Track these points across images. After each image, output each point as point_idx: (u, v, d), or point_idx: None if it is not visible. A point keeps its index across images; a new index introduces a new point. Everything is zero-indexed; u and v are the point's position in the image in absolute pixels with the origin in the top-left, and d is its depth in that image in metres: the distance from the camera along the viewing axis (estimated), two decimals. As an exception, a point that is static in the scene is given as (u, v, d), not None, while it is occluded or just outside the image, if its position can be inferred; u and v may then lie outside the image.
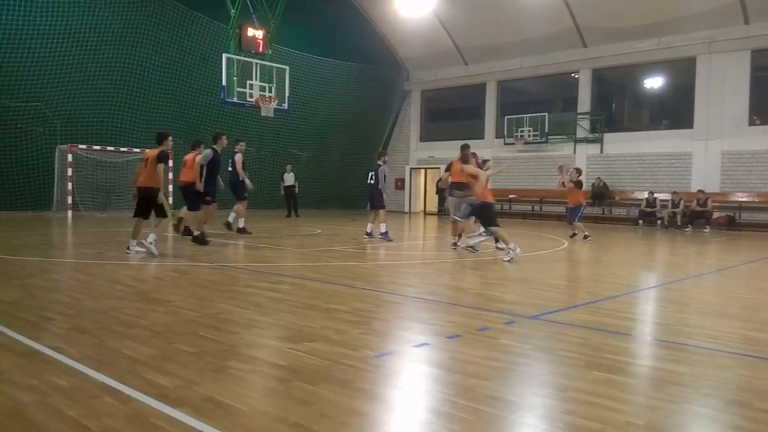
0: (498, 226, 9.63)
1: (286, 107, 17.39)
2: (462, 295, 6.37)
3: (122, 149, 19.48)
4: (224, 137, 11.02)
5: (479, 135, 26.10)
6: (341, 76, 25.82)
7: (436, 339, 4.44)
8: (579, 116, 23.51)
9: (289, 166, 21.44)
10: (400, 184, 28.87)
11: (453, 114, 29.37)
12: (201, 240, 10.47)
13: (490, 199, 9.68)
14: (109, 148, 19.18)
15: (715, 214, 19.46)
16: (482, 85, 26.30)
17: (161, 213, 9.08)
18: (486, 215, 9.61)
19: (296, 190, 21.02)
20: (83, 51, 18.76)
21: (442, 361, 3.90)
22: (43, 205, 18.60)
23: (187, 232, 11.26)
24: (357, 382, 3.37)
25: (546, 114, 23.81)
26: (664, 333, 5.02)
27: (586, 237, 13.90)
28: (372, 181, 12.81)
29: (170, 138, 9.43)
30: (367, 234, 12.53)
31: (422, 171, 28.55)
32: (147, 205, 9.00)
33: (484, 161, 11.64)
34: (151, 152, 9.11)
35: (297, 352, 3.95)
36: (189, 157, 11.38)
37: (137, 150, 19.93)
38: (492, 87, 26.14)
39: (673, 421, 2.97)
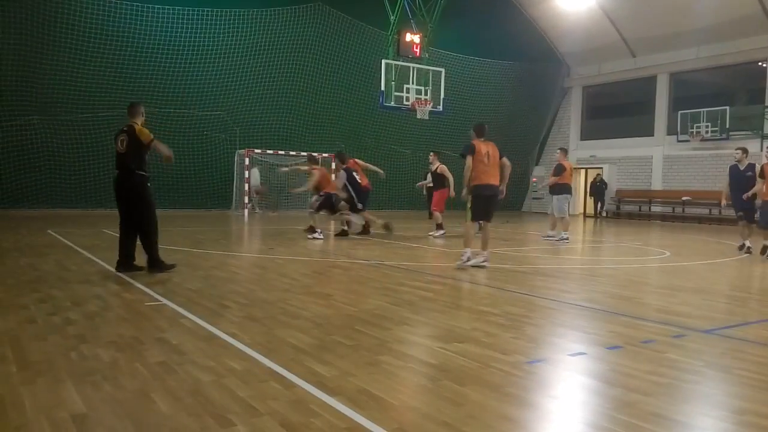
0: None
1: (441, 109, 17.56)
2: (624, 304, 5.98)
3: (291, 153, 20.97)
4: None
5: (648, 132, 24.32)
6: (497, 75, 25.50)
7: (594, 349, 4.22)
8: (767, 109, 20.92)
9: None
10: (557, 185, 27.73)
11: (618, 110, 27.61)
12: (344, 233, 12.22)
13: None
14: (280, 152, 20.77)
15: None
16: (652, 78, 24.44)
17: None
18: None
19: None
20: (258, 63, 20.55)
21: (600, 372, 3.70)
22: (223, 204, 20.63)
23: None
24: (507, 387, 3.31)
25: (727, 108, 21.51)
26: None
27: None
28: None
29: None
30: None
31: (582, 171, 27.22)
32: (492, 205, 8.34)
33: None
34: (489, 146, 8.39)
35: (447, 351, 3.98)
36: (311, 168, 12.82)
37: (304, 153, 21.36)
38: (663, 80, 24.18)
39: None
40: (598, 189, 24.27)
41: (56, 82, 17.83)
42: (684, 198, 22.42)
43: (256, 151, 20.36)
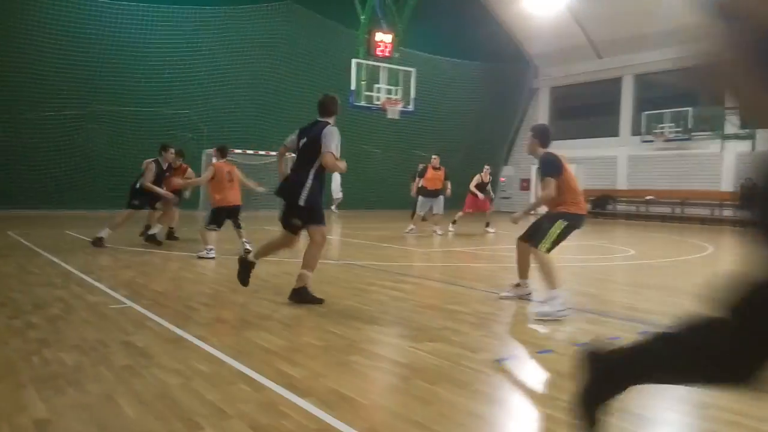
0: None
1: (411, 109, 17.62)
2: (591, 302, 6.09)
3: (261, 152, 20.77)
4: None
5: (613, 132, 24.82)
6: (467, 75, 25.70)
7: (562, 346, 4.28)
8: (728, 110, 21.52)
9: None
10: (525, 184, 28.14)
11: (584, 111, 28.08)
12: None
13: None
14: (248, 151, 20.54)
15: None
16: (618, 79, 24.93)
17: None
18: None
19: None
20: (227, 61, 20.32)
21: (567, 369, 3.75)
22: (190, 205, 20.32)
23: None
24: (477, 385, 3.34)
25: (689, 109, 22.07)
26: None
27: None
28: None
29: None
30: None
31: (550, 171, 27.61)
32: None
33: None
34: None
35: (417, 350, 4.00)
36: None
37: (273, 153, 21.18)
38: (629, 81, 24.69)
39: (834, 451, 2.65)
40: None
41: (18, 79, 17.32)
42: (647, 197, 22.94)
43: (224, 150, 20.13)
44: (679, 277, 8.16)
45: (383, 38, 17.30)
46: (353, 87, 16.45)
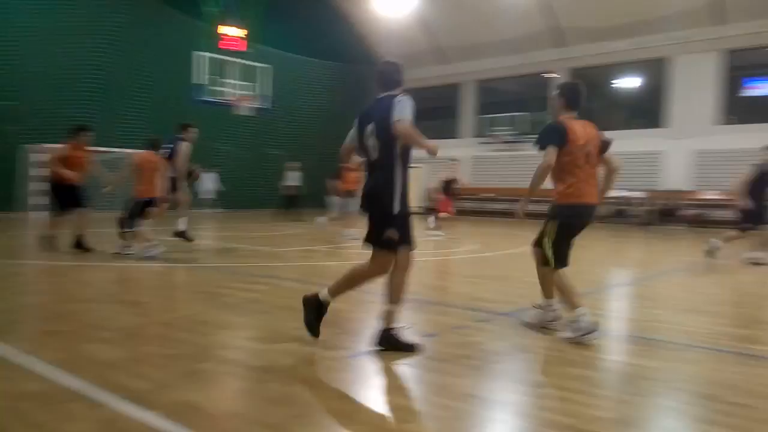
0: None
1: (263, 106, 17.31)
2: (437, 293, 6.40)
3: (101, 148, 19.12)
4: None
5: (455, 134, 26.31)
6: (322, 75, 25.90)
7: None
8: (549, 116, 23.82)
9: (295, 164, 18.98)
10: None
11: (430, 113, 29.49)
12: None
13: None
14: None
15: (686, 212, 19.85)
16: (460, 84, 26.49)
17: None
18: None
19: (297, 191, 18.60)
20: (57, 48, 18.47)
21: (418, 359, 3.90)
22: (17, 206, 18.20)
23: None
24: (332, 383, 3.36)
25: (522, 113, 24.09)
26: (635, 329, 5.10)
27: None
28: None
29: None
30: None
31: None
32: None
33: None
34: (588, 127, 4.72)
35: (272, 352, 3.93)
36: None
37: (103, 149, 19.61)
38: (470, 86, 26.34)
39: (642, 414, 3.02)
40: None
41: None
42: (486, 194, 24.66)
43: (53, 146, 18.25)
44: (515, 268, 8.84)
45: (230, 32, 16.81)
46: (199, 81, 15.79)
